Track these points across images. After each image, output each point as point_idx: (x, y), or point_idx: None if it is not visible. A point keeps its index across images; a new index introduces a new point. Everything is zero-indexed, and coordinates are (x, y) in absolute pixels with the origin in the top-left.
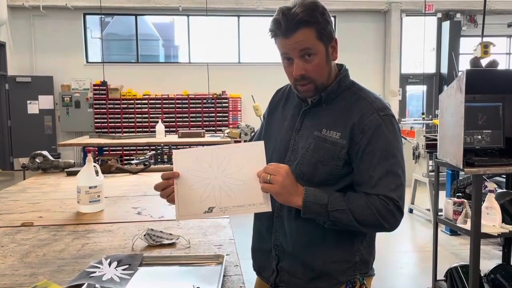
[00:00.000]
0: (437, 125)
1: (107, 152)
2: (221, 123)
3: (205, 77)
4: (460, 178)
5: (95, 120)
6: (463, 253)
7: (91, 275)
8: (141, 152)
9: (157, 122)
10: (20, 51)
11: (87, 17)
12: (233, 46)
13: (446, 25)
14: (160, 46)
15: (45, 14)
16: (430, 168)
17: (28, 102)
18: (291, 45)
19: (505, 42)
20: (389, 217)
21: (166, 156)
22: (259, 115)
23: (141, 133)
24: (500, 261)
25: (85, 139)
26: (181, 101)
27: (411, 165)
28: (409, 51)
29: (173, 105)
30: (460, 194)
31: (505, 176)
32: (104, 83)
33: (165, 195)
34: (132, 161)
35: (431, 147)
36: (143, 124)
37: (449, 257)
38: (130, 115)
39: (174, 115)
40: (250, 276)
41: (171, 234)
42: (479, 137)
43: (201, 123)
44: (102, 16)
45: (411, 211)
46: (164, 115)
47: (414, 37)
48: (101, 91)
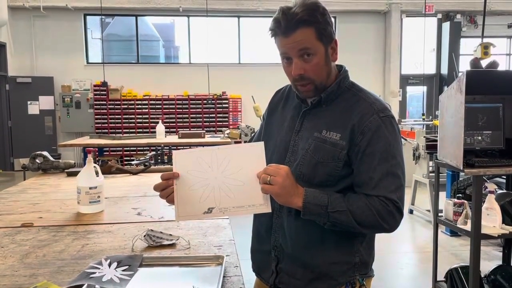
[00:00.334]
0: (437, 126)
1: (107, 153)
2: (221, 123)
3: (206, 77)
4: (460, 179)
5: (96, 120)
6: (463, 254)
7: (91, 276)
8: (141, 152)
9: (157, 122)
10: (20, 52)
11: (87, 17)
12: (233, 46)
13: (446, 26)
14: (161, 46)
15: (45, 14)
16: (430, 169)
17: (29, 102)
18: (290, 44)
19: (505, 43)
20: (389, 218)
21: (166, 157)
22: (259, 115)
23: (141, 134)
24: (500, 262)
25: (86, 140)
26: (181, 101)
27: (411, 166)
28: (409, 52)
29: (173, 105)
30: (460, 195)
31: (505, 177)
32: (104, 83)
33: (164, 195)
34: (132, 162)
35: (431, 148)
36: (143, 124)
37: (449, 258)
38: (130, 116)
39: (174, 115)
40: (250, 277)
41: (171, 235)
42: (479, 138)
43: (201, 123)
44: (103, 16)
45: (411, 212)
46: (164, 115)
47: (414, 38)
48: (101, 92)
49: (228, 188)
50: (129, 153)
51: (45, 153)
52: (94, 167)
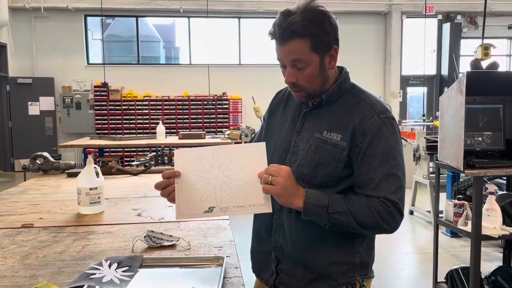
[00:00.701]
0: (438, 127)
1: (107, 154)
2: (221, 124)
3: (206, 78)
4: (460, 180)
5: (96, 121)
6: (463, 255)
7: (91, 276)
8: (142, 153)
9: (157, 123)
10: (21, 53)
11: (88, 18)
12: (233, 47)
13: (446, 26)
14: (161, 47)
15: (46, 15)
16: (431, 170)
17: (29, 103)
18: (284, 53)
19: (505, 44)
20: (390, 219)
21: (167, 158)
22: (260, 116)
23: (141, 135)
24: (500, 263)
25: (86, 141)
26: (181, 102)
27: (411, 167)
28: (410, 53)
29: (174, 106)
30: (460, 196)
31: (505, 178)
32: (105, 84)
33: (165, 194)
34: (133, 163)
35: (432, 149)
36: (144, 125)
37: (449, 259)
38: (130, 117)
39: (174, 116)
40: (250, 277)
41: (171, 235)
42: (480, 139)
43: (201, 124)
44: (103, 17)
45: (411, 213)
46: (164, 116)
47: (415, 39)
48: (102, 93)
49: (229, 188)
50: (129, 154)
51: (45, 154)
52: (95, 168)
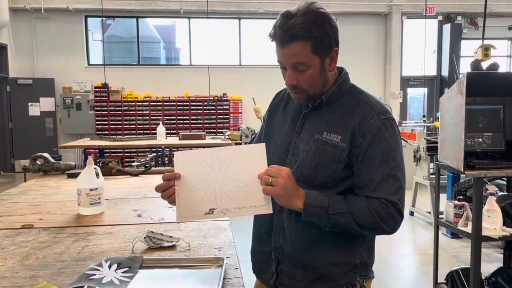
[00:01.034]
0: (438, 128)
1: (108, 154)
2: (222, 125)
3: (206, 79)
4: (461, 181)
5: (96, 122)
6: (464, 256)
7: (90, 277)
8: (142, 154)
9: (158, 124)
10: (21, 53)
11: (88, 19)
12: (234, 48)
13: (447, 27)
14: (161, 48)
15: (46, 16)
16: (431, 170)
17: (29, 104)
18: (285, 56)
19: (506, 45)
20: (390, 220)
21: (167, 158)
22: (260, 117)
23: (142, 135)
24: (501, 264)
25: (86, 141)
26: (182, 103)
27: (412, 167)
28: (410, 54)
29: (174, 107)
30: (461, 197)
31: (506, 179)
32: (105, 85)
33: (166, 196)
34: (133, 163)
35: (432, 149)
36: (144, 126)
37: (450, 260)
38: (131, 117)
39: (175, 117)
40: (250, 278)
41: (171, 236)
42: (480, 139)
43: (202, 125)
44: (104, 18)
45: (412, 213)
46: (165, 117)
47: (415, 40)
48: (102, 93)
49: (230, 189)
50: (129, 154)
51: (45, 154)
52: (95, 168)
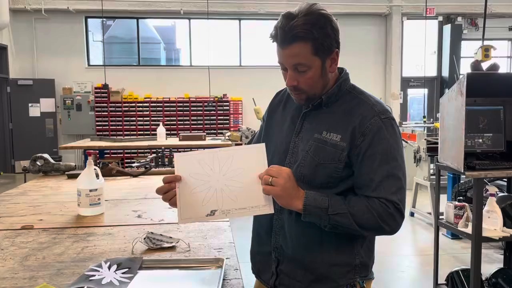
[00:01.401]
0: (438, 129)
1: (108, 155)
2: (222, 126)
3: (206, 80)
4: (461, 181)
5: (96, 123)
6: (464, 257)
7: (90, 278)
8: (142, 155)
9: (158, 125)
10: (21, 54)
11: (88, 20)
12: (234, 49)
13: (447, 28)
14: (162, 49)
15: (47, 17)
16: (431, 171)
17: (30, 105)
18: (286, 57)
19: (506, 46)
20: (390, 220)
21: (167, 159)
22: (260, 118)
23: (142, 136)
24: (501, 265)
25: (86, 142)
26: (182, 104)
27: (412, 168)
28: (410, 54)
29: (174, 108)
30: (461, 197)
31: (506, 180)
32: (105, 86)
33: (166, 198)
34: (133, 164)
35: (432, 150)
36: (144, 127)
37: (450, 260)
38: (131, 118)
39: (175, 118)
40: (250, 279)
41: (171, 237)
42: (480, 140)
43: (202, 126)
44: (104, 19)
45: (412, 214)
46: (165, 118)
47: (415, 40)
48: (102, 94)
49: (230, 190)
50: (129, 155)
51: (45, 155)
52: (95, 169)
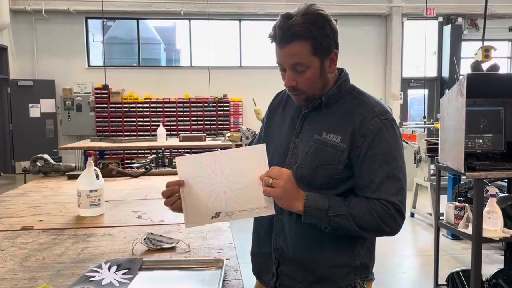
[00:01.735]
0: (439, 129)
1: (108, 156)
2: (222, 126)
3: (207, 81)
4: (461, 182)
5: (97, 123)
6: (464, 257)
7: (90, 279)
8: (142, 155)
9: (158, 125)
10: (22, 55)
11: (89, 21)
12: (234, 50)
13: (447, 29)
14: (162, 50)
15: (47, 18)
16: (432, 172)
17: (30, 105)
18: (284, 56)
19: (506, 46)
20: (390, 221)
21: (167, 160)
22: (260, 119)
23: (142, 137)
24: (502, 266)
25: (87, 143)
26: (182, 104)
27: (412, 169)
28: (411, 55)
29: (175, 108)
30: (461, 198)
31: (506, 180)
32: (105, 86)
33: (168, 203)
34: (133, 165)
35: (433, 151)
36: (145, 127)
37: (450, 261)
38: (131, 119)
39: (175, 118)
40: (250, 280)
41: (171, 238)
42: (481, 141)
43: (202, 126)
44: (104, 20)
45: (412, 215)
46: (165, 118)
47: (415, 41)
48: (102, 95)
49: (233, 192)
50: (130, 156)
51: (46, 156)
52: (95, 170)
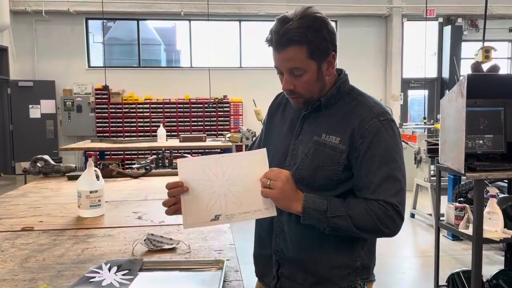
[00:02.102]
0: (439, 130)
1: (108, 157)
2: (222, 127)
3: (207, 81)
4: (462, 183)
5: (97, 124)
6: (465, 258)
7: (90, 280)
8: (143, 156)
9: (158, 126)
10: (22, 56)
11: (89, 21)
12: (234, 50)
13: (447, 29)
14: (162, 50)
15: (47, 19)
16: (432, 172)
17: (30, 106)
18: (281, 61)
19: (506, 47)
20: (389, 222)
21: (167, 161)
22: (261, 119)
23: (142, 137)
24: (502, 267)
25: (87, 143)
26: (182, 105)
27: (412, 170)
28: (411, 56)
29: (175, 109)
30: (462, 199)
31: (507, 181)
32: (106, 87)
33: (170, 212)
34: (133, 166)
35: (433, 151)
36: (145, 128)
37: (451, 262)
38: (131, 120)
39: (175, 119)
40: (251, 281)
41: (171, 239)
42: (481, 141)
43: (202, 127)
44: (104, 20)
45: (413, 216)
46: (165, 119)
47: (416, 42)
48: (102, 96)
49: (234, 195)
50: (130, 156)
51: (46, 156)
52: (95, 171)
